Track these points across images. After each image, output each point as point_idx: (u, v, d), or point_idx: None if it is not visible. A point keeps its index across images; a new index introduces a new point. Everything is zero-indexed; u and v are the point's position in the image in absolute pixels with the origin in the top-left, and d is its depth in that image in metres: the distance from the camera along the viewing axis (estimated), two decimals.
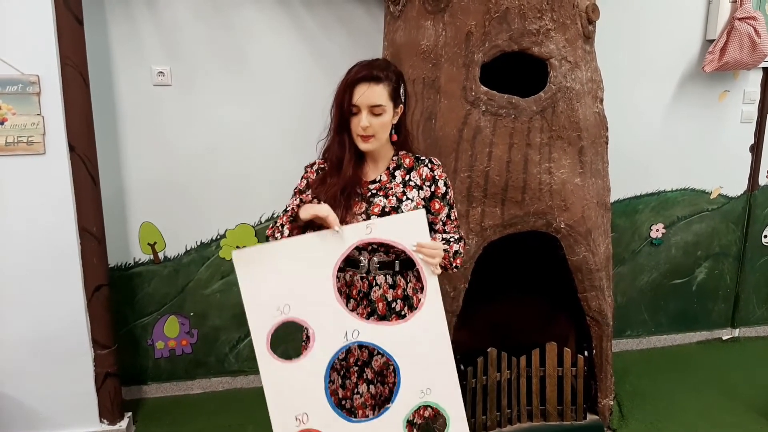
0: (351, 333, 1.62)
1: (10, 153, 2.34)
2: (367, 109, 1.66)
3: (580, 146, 2.42)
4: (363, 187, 1.73)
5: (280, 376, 1.62)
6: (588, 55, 2.46)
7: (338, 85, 1.71)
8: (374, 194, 1.73)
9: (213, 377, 3.09)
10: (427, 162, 1.79)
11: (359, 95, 1.65)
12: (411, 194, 1.73)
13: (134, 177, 2.81)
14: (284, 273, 1.59)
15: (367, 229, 1.63)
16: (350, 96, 1.66)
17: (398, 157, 1.79)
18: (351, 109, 1.67)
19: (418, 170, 1.78)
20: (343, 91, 1.68)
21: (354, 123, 1.68)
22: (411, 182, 1.75)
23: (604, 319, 2.61)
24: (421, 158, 1.80)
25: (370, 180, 1.75)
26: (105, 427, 2.65)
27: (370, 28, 2.83)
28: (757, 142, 3.47)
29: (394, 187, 1.74)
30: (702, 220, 3.51)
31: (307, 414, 1.62)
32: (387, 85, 1.68)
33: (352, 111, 1.67)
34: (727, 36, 3.05)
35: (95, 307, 2.55)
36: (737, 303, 3.68)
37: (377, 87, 1.66)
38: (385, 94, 1.67)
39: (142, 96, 2.73)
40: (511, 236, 2.41)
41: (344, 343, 1.63)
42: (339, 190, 1.68)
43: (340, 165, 1.71)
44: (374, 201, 1.71)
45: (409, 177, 1.76)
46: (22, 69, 2.29)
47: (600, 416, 2.72)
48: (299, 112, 2.86)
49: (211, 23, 2.73)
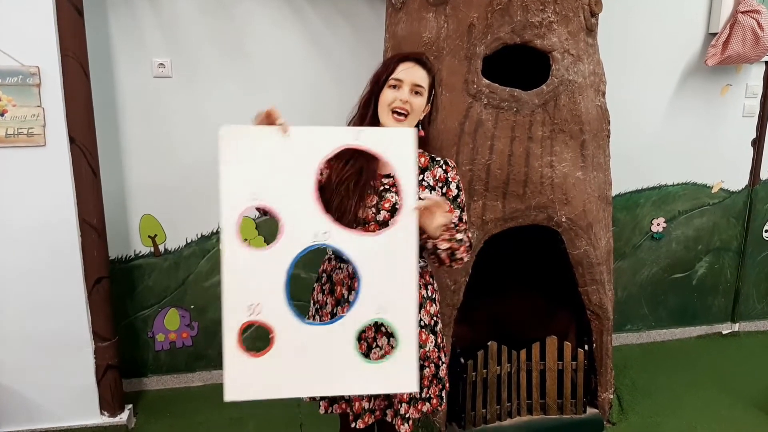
0: (321, 234, 1.55)
1: (10, 145, 2.34)
2: (410, 85, 1.66)
3: (581, 140, 2.41)
4: (377, 180, 1.71)
5: (243, 262, 1.54)
6: (590, 48, 2.44)
7: (379, 65, 1.71)
8: (387, 189, 1.71)
9: (213, 370, 3.10)
10: (441, 163, 1.79)
11: (404, 69, 1.66)
12: (423, 195, 1.72)
13: (135, 169, 2.81)
14: (267, 159, 1.52)
15: (355, 135, 1.54)
16: (393, 70, 1.66)
17: None
18: (389, 81, 1.66)
19: (432, 171, 1.77)
20: (385, 66, 1.68)
21: (389, 96, 1.67)
22: (424, 182, 1.75)
23: (605, 313, 2.61)
24: (436, 159, 1.79)
25: (385, 174, 1.74)
26: (105, 420, 2.66)
27: (372, 21, 2.82)
28: (759, 137, 3.46)
29: None
30: (703, 215, 3.50)
31: (261, 304, 1.53)
32: (429, 75, 1.70)
33: (391, 84, 1.67)
34: (730, 29, 3.04)
35: (96, 299, 2.55)
36: (737, 298, 3.69)
37: (422, 70, 1.68)
38: (426, 80, 1.69)
39: (142, 88, 2.72)
40: (512, 230, 2.41)
41: (313, 242, 1.55)
42: (354, 180, 1.66)
43: None
44: (386, 196, 1.70)
45: (423, 177, 1.75)
46: (22, 60, 2.28)
47: (600, 410, 2.72)
48: (300, 103, 2.85)
49: (212, 15, 2.72)
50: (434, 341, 1.82)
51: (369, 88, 1.71)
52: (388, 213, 1.68)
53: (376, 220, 1.68)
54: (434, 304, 1.84)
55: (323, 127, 1.53)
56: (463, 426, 2.56)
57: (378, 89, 1.68)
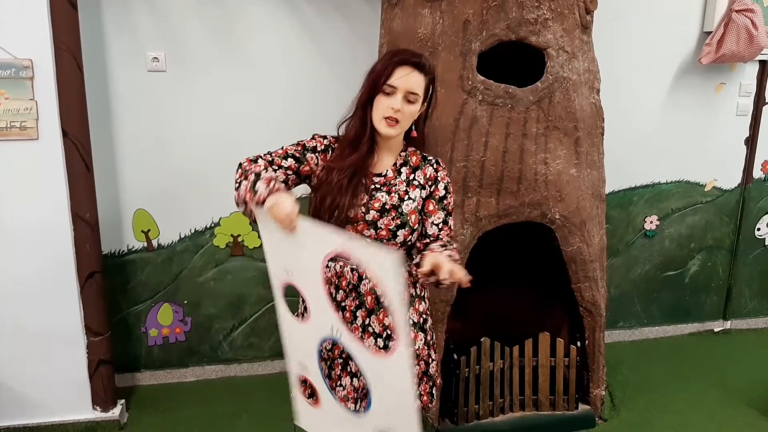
0: (335, 330, 1.60)
1: (3, 138, 2.32)
2: (404, 93, 1.64)
3: (576, 137, 2.41)
4: (368, 178, 1.72)
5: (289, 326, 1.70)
6: (585, 45, 2.45)
7: (376, 62, 1.69)
8: (377, 188, 1.71)
9: (206, 365, 3.09)
10: (433, 162, 1.79)
11: (400, 77, 1.63)
12: (413, 194, 1.72)
13: (128, 163, 2.79)
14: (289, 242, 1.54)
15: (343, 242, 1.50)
16: (389, 75, 1.63)
17: (406, 153, 1.78)
18: (384, 88, 1.64)
19: (423, 169, 1.77)
20: (383, 68, 1.65)
21: (383, 103, 1.65)
22: (415, 181, 1.75)
23: (597, 310, 2.62)
24: (428, 158, 1.79)
25: (376, 173, 1.74)
26: (98, 414, 2.65)
27: (367, 16, 2.81)
28: (752, 135, 3.47)
29: (398, 185, 1.73)
30: (696, 213, 3.51)
31: (306, 366, 1.69)
32: (426, 78, 1.68)
33: (385, 91, 1.65)
34: (725, 28, 3.05)
35: (88, 294, 2.54)
36: (729, 295, 3.70)
37: (419, 75, 1.65)
38: (423, 85, 1.67)
39: (136, 82, 2.71)
40: (506, 226, 2.42)
41: (330, 335, 1.62)
42: (348, 178, 1.66)
43: (357, 142, 1.69)
44: (376, 195, 1.70)
45: (414, 176, 1.75)
46: (15, 53, 2.27)
47: (592, 406, 2.74)
48: (294, 97, 2.85)
49: (206, 9, 2.70)
50: (424, 339, 1.83)
51: (365, 90, 1.69)
52: (377, 213, 1.68)
53: (365, 220, 1.68)
54: (423, 301, 1.84)
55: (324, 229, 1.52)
56: (455, 422, 2.57)
57: (374, 93, 1.67)
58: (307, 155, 1.73)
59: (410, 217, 1.70)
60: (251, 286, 3.03)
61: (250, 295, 3.04)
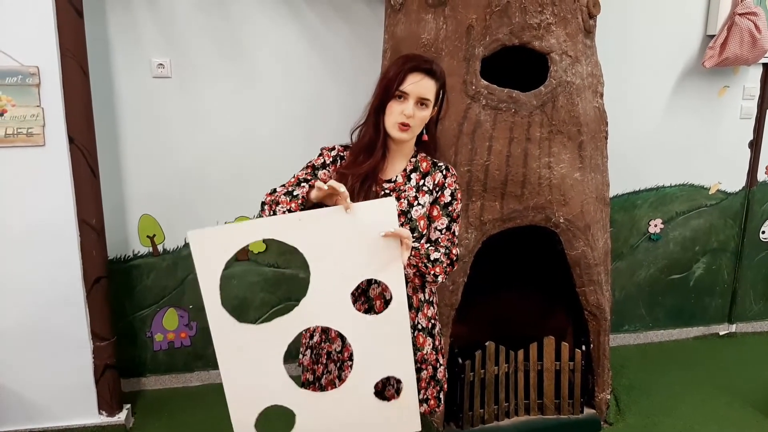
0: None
1: (10, 145, 2.34)
2: (416, 98, 1.65)
3: (579, 141, 2.42)
4: (378, 185, 1.72)
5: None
6: (588, 50, 2.45)
7: (388, 67, 1.70)
8: (387, 194, 1.71)
9: (212, 370, 3.10)
10: (443, 168, 1.79)
11: (412, 82, 1.64)
12: (423, 200, 1.72)
13: (134, 169, 2.81)
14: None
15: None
16: (401, 81, 1.64)
17: (416, 159, 1.78)
18: (397, 94, 1.65)
19: (433, 175, 1.77)
20: (395, 74, 1.66)
21: (395, 109, 1.66)
22: (425, 187, 1.74)
23: (602, 314, 2.62)
24: (438, 164, 1.79)
25: (386, 179, 1.74)
26: (104, 419, 2.66)
27: (371, 21, 2.82)
28: (756, 138, 3.47)
29: (407, 191, 1.73)
30: (700, 216, 3.51)
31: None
32: (437, 83, 1.69)
33: (398, 97, 1.66)
34: (728, 31, 3.05)
35: (94, 299, 2.55)
36: (734, 299, 3.70)
37: (430, 81, 1.66)
38: (434, 90, 1.68)
39: (141, 88, 2.73)
40: (510, 230, 2.42)
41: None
42: (359, 182, 1.66)
43: (372, 148, 1.69)
44: None
45: (424, 182, 1.75)
46: (21, 60, 2.28)
47: (597, 410, 2.73)
48: (299, 103, 2.86)
49: (210, 15, 2.72)
50: (432, 344, 1.82)
51: (378, 96, 1.69)
52: None
53: None
54: (432, 306, 1.84)
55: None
56: (460, 426, 2.57)
57: (387, 99, 1.68)
58: (318, 174, 1.74)
59: (419, 223, 1.70)
60: (255, 291, 3.03)
61: (255, 300, 3.05)
